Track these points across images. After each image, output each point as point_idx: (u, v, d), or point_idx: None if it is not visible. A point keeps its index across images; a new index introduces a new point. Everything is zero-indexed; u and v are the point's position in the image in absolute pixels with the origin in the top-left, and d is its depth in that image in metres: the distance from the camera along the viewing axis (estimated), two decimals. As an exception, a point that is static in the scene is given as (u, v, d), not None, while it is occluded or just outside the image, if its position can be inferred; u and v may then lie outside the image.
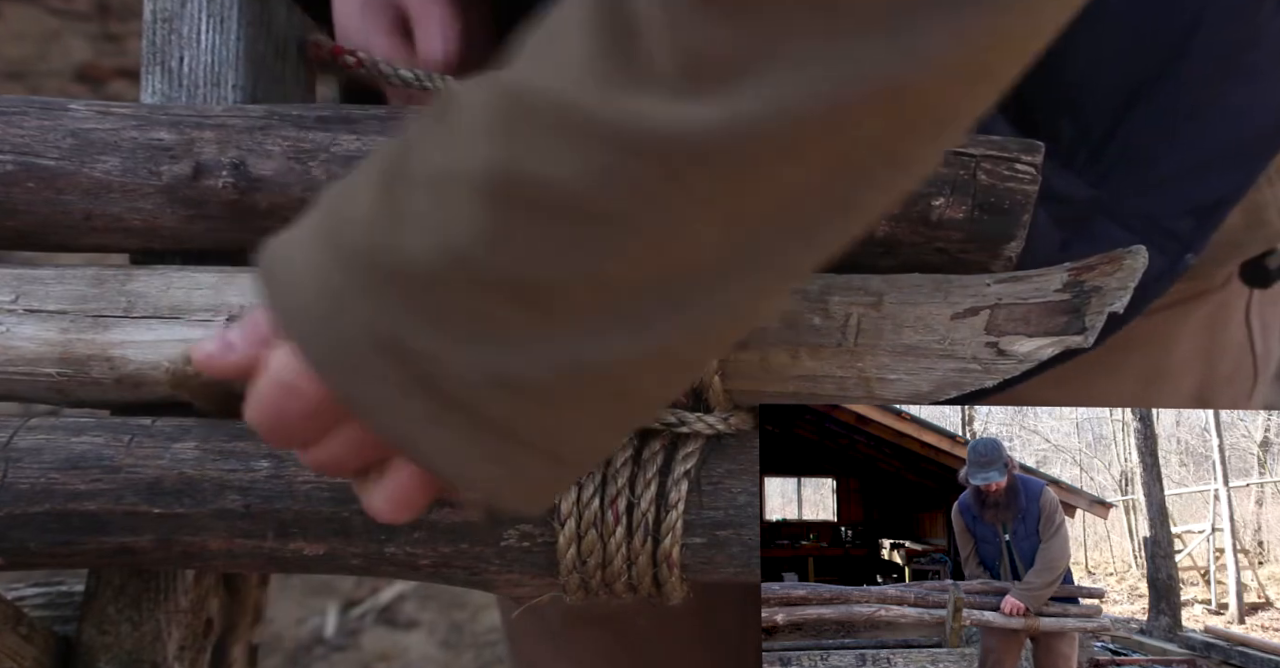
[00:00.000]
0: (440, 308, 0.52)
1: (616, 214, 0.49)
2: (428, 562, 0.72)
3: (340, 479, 0.64)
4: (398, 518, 0.60)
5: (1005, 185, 0.71)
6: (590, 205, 0.48)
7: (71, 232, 0.77)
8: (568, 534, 0.71)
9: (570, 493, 0.71)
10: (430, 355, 0.52)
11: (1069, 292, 0.69)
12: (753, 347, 0.71)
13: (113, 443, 0.72)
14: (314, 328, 0.54)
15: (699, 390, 0.71)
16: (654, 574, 0.72)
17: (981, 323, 0.70)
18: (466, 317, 0.51)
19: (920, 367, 0.70)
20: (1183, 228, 0.75)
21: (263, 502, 0.71)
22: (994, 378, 0.70)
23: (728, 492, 0.71)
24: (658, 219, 0.49)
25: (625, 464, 0.71)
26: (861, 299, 0.71)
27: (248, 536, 0.71)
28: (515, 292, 0.51)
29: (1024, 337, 0.69)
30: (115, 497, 0.71)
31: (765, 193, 0.49)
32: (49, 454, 0.72)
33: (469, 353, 0.52)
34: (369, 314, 0.52)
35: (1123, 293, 0.69)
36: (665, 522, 0.71)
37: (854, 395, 0.71)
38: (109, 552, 0.72)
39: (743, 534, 0.71)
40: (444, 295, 0.51)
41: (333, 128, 0.76)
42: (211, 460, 0.71)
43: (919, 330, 0.70)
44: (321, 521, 0.71)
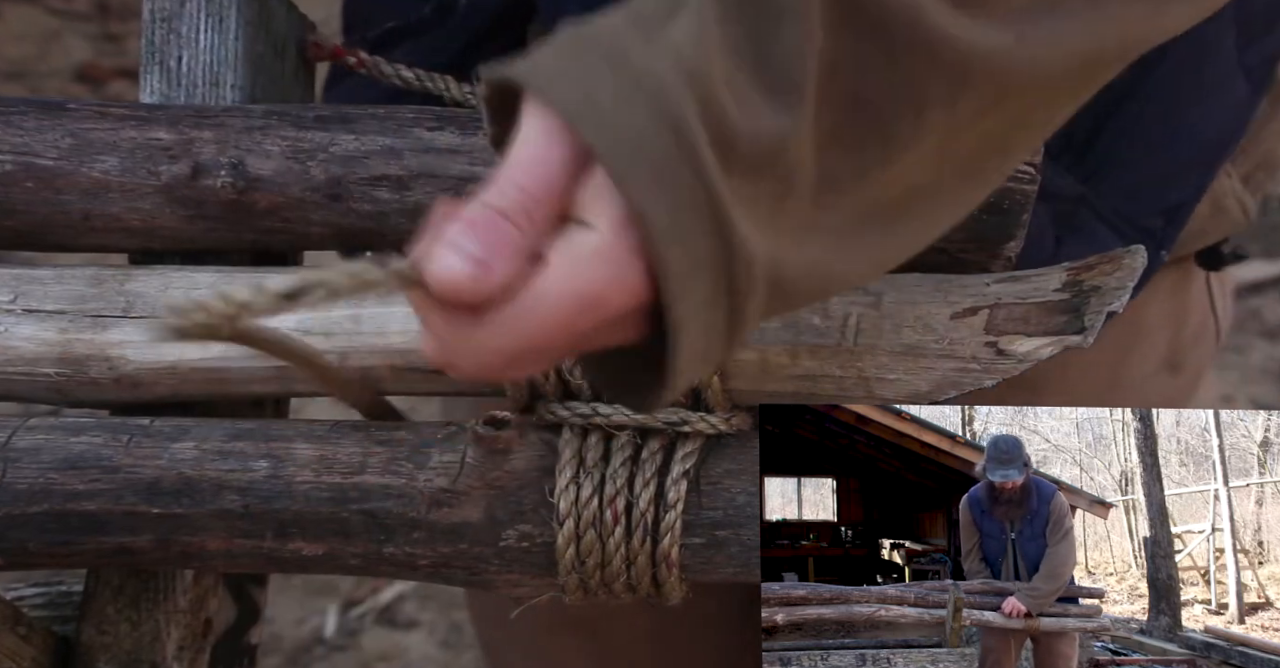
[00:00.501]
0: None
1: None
2: (427, 562, 0.72)
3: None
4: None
5: (1005, 185, 0.71)
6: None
7: (70, 231, 0.77)
8: (566, 534, 0.71)
9: (569, 493, 0.71)
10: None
11: (1068, 291, 0.69)
12: (752, 347, 0.70)
13: (111, 443, 0.72)
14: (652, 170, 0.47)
15: (698, 390, 0.71)
16: (653, 574, 0.72)
17: (981, 323, 0.70)
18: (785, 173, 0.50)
19: (919, 366, 0.70)
20: (1156, 227, 0.83)
21: (261, 502, 0.71)
22: (993, 378, 0.70)
23: (726, 492, 0.71)
24: (937, 122, 0.52)
25: (624, 464, 0.71)
26: (861, 299, 0.71)
27: (246, 536, 0.71)
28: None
29: (1023, 336, 0.69)
30: (114, 497, 0.71)
31: (1009, 112, 0.54)
32: (47, 454, 0.72)
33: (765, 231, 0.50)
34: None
35: (1121, 292, 0.69)
36: (664, 522, 0.71)
37: (853, 395, 0.71)
38: (108, 552, 0.72)
39: (741, 534, 0.71)
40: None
41: (331, 127, 0.76)
42: (210, 461, 0.71)
43: (918, 330, 0.70)
44: (320, 521, 0.71)
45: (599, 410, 0.71)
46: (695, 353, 0.50)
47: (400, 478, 0.71)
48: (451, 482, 0.71)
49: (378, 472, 0.71)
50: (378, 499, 0.71)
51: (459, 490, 0.71)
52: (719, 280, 0.49)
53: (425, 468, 0.71)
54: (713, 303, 0.49)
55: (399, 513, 0.71)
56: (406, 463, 0.71)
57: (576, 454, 0.71)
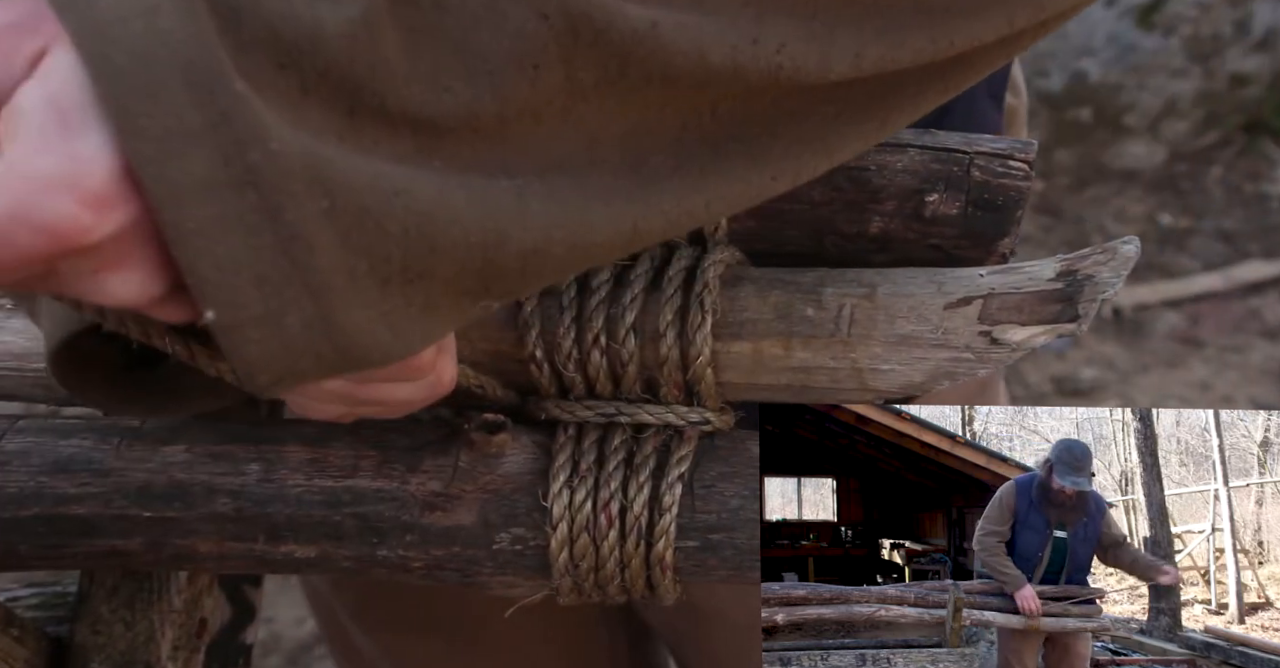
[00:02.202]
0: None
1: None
2: (420, 565, 0.72)
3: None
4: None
5: (999, 182, 0.71)
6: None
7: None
8: (560, 538, 0.70)
9: (562, 497, 0.70)
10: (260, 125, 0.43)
11: (1062, 281, 0.69)
12: (746, 338, 0.70)
13: (102, 446, 0.72)
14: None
15: (691, 384, 0.71)
16: (647, 577, 0.72)
17: (975, 312, 0.70)
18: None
19: (913, 357, 0.70)
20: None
21: (253, 505, 0.71)
22: (987, 367, 0.70)
23: (720, 495, 0.71)
24: (553, 83, 0.49)
25: (618, 468, 0.71)
26: (855, 290, 0.71)
27: (239, 538, 0.71)
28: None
29: (1017, 325, 0.69)
30: (105, 500, 0.71)
31: (655, 100, 0.51)
32: (37, 457, 0.71)
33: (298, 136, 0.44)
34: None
35: (1116, 281, 0.69)
36: (659, 525, 0.70)
37: (847, 388, 0.71)
38: (99, 555, 0.72)
39: (735, 538, 0.71)
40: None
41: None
42: (201, 464, 0.71)
43: (912, 320, 0.70)
44: (313, 524, 0.71)
45: (593, 407, 0.71)
46: (244, 293, 0.44)
47: (393, 481, 0.71)
48: (444, 485, 0.71)
49: (370, 475, 0.71)
50: (370, 502, 0.70)
51: (452, 494, 0.71)
52: (239, 187, 0.42)
53: (418, 471, 0.71)
54: (238, 219, 0.43)
55: (391, 516, 0.70)
56: (399, 466, 0.71)
57: (570, 458, 0.71)
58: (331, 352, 0.47)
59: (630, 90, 0.50)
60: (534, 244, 0.49)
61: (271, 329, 0.45)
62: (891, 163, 0.71)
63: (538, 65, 0.48)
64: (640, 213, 0.52)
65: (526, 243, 0.49)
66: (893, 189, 0.71)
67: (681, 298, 0.69)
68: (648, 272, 0.70)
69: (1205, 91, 3.41)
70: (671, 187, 0.52)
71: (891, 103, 0.56)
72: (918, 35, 0.53)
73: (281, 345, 0.46)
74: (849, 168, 0.71)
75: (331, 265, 0.45)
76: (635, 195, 0.51)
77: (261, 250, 0.44)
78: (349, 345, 0.47)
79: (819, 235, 0.72)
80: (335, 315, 0.46)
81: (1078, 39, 3.32)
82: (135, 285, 0.45)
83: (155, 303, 0.46)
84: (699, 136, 0.53)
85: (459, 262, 0.48)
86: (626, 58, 0.49)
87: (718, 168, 0.53)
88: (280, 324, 0.45)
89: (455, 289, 0.49)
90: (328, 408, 0.61)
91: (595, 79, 0.49)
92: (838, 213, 0.71)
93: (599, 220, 0.51)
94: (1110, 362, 2.86)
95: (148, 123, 0.41)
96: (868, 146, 0.58)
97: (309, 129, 0.44)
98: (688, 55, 0.49)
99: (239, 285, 0.44)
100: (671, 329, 0.69)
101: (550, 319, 0.70)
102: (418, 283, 0.48)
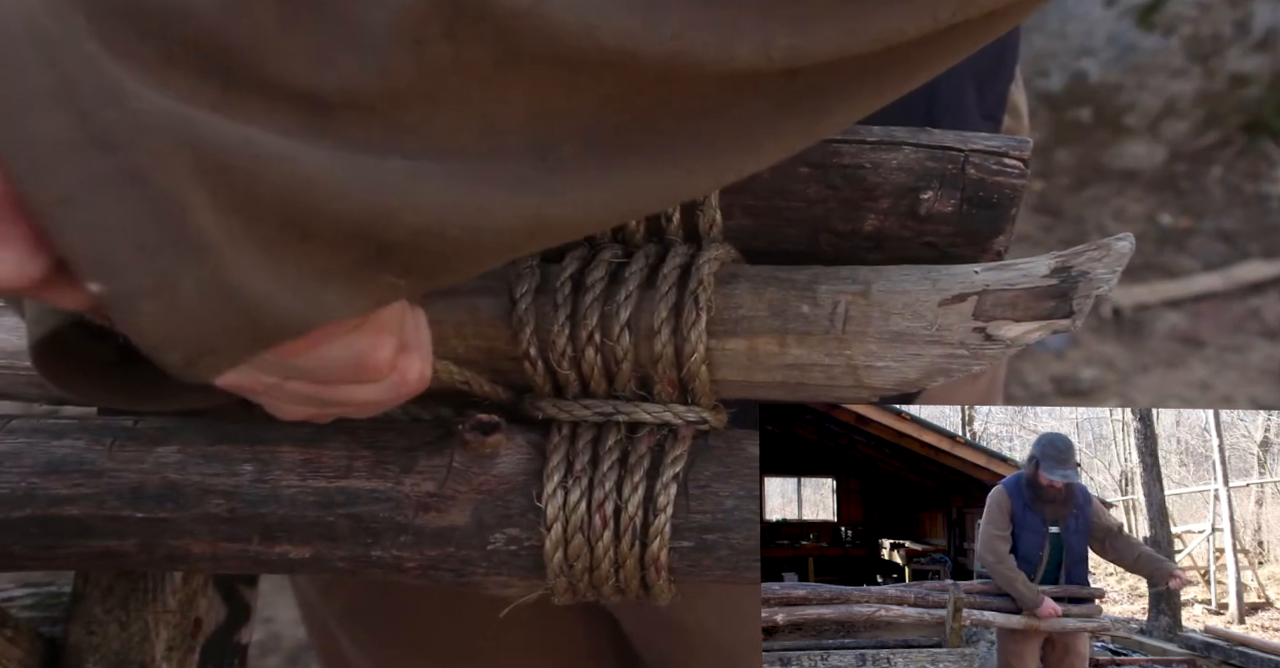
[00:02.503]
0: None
1: None
2: (414, 565, 0.72)
3: None
4: None
5: (994, 179, 0.71)
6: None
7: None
8: (554, 539, 0.70)
9: (556, 498, 0.70)
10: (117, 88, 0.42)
11: (1056, 277, 0.69)
12: (741, 335, 0.70)
13: (94, 446, 0.72)
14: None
15: (685, 381, 0.71)
16: (641, 577, 0.72)
17: (969, 309, 0.69)
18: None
19: (908, 353, 0.70)
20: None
21: (247, 506, 0.71)
22: (981, 363, 0.70)
23: (715, 495, 0.71)
24: (440, 58, 0.48)
25: (612, 468, 0.71)
26: (850, 287, 0.70)
27: (232, 539, 0.71)
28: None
29: (1011, 321, 0.69)
30: (98, 501, 0.70)
31: (550, 85, 0.50)
32: (29, 459, 0.71)
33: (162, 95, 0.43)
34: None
35: (1110, 277, 0.69)
36: (653, 526, 0.70)
37: (842, 385, 0.71)
38: (93, 555, 0.71)
39: (730, 538, 0.71)
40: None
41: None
42: (195, 464, 0.71)
43: (907, 317, 0.70)
44: (307, 524, 0.71)
45: (590, 406, 0.71)
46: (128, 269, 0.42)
47: (387, 482, 0.71)
48: (439, 486, 0.71)
49: (364, 475, 0.71)
50: (364, 503, 0.70)
51: (446, 494, 0.71)
52: (100, 149, 0.41)
53: (412, 472, 0.71)
54: (104, 181, 0.41)
55: (386, 517, 0.70)
56: (393, 466, 0.71)
57: (564, 458, 0.71)
58: (237, 320, 0.46)
59: (526, 73, 0.49)
60: (425, 225, 0.48)
61: (165, 299, 0.44)
62: (886, 160, 0.71)
63: (419, 40, 0.47)
64: (544, 202, 0.51)
65: (417, 223, 0.48)
66: (888, 187, 0.71)
67: (676, 295, 0.69)
68: (643, 269, 0.70)
69: (1205, 91, 3.41)
70: (581, 178, 0.51)
71: (818, 102, 0.54)
72: (834, 26, 0.51)
73: (181, 316, 0.44)
74: (843, 166, 0.70)
75: (209, 225, 0.44)
76: (540, 184, 0.50)
77: (134, 214, 0.42)
78: (253, 311, 0.46)
79: (814, 233, 0.72)
80: (228, 278, 0.44)
81: (1077, 39, 3.32)
82: (11, 265, 0.43)
83: (39, 285, 0.44)
84: (609, 126, 0.51)
85: (344, 234, 0.47)
86: (512, 35, 0.48)
87: (629, 162, 0.52)
88: (173, 292, 0.44)
89: (348, 260, 0.48)
90: (296, 409, 0.61)
91: (487, 59, 0.48)
92: (833, 210, 0.71)
93: (497, 207, 0.50)
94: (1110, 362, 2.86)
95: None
96: (793, 149, 0.56)
97: (174, 96, 0.43)
98: (575, 35, 0.48)
99: (117, 252, 0.42)
100: (666, 326, 0.69)
101: (544, 316, 0.70)
102: (300, 248, 0.47)
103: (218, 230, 0.44)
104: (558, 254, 0.72)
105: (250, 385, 0.57)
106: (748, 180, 0.70)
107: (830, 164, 0.71)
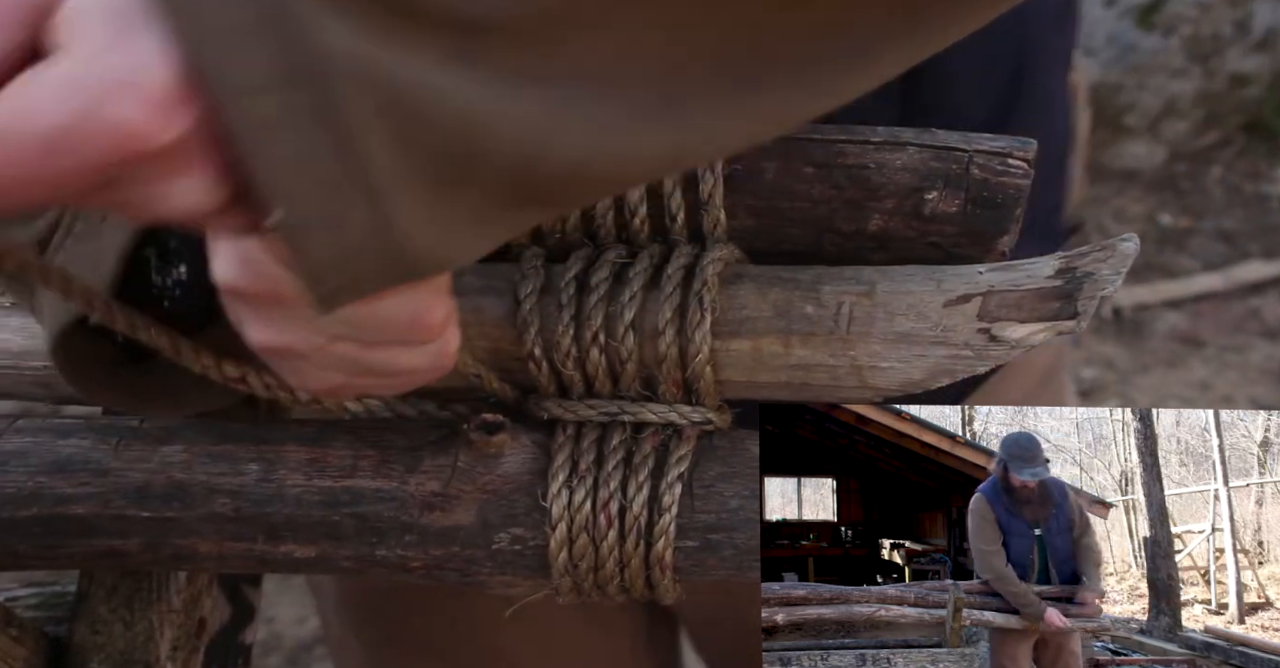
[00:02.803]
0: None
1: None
2: (419, 564, 0.72)
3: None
4: None
5: (998, 180, 0.71)
6: None
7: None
8: (559, 538, 0.70)
9: (561, 497, 0.70)
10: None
11: (1061, 278, 0.69)
12: (745, 335, 0.70)
13: (100, 445, 0.72)
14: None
15: (689, 381, 0.71)
16: (646, 577, 0.72)
17: (974, 310, 0.70)
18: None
19: (913, 354, 0.70)
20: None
21: (253, 505, 0.71)
22: (986, 364, 0.70)
23: (720, 495, 0.71)
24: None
25: (617, 468, 0.71)
26: (854, 288, 0.71)
27: (238, 538, 0.71)
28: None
29: (1016, 323, 0.69)
30: (103, 500, 0.71)
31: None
32: (35, 458, 0.71)
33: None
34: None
35: (1115, 278, 0.69)
36: (658, 525, 0.70)
37: (847, 385, 0.71)
38: (97, 555, 0.72)
39: (734, 538, 0.71)
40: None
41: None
42: (200, 463, 0.71)
43: (911, 318, 0.70)
44: (312, 524, 0.71)
45: (595, 406, 0.71)
46: (318, 216, 0.43)
47: (392, 481, 0.71)
48: (443, 485, 0.71)
49: (369, 475, 0.71)
50: (369, 502, 0.70)
51: (451, 494, 0.71)
52: (295, 83, 0.42)
53: (417, 471, 0.71)
54: (297, 116, 0.42)
55: (391, 516, 0.70)
56: (398, 466, 0.71)
57: (569, 458, 0.71)
58: (389, 257, 0.46)
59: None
60: (577, 157, 0.48)
61: (335, 231, 0.45)
62: (891, 161, 0.71)
63: None
64: (682, 128, 0.50)
65: (571, 156, 0.48)
66: (892, 187, 0.71)
67: (681, 295, 0.69)
68: (647, 269, 0.70)
69: (1205, 91, 3.41)
70: (715, 103, 0.50)
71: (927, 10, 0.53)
72: None
73: (344, 251, 0.45)
74: (848, 166, 0.71)
75: (386, 165, 0.44)
76: (678, 111, 0.49)
77: (320, 148, 0.43)
78: (407, 249, 0.46)
79: (818, 233, 0.72)
80: (392, 216, 0.45)
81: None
82: (199, 192, 0.45)
83: (217, 212, 0.45)
84: (740, 49, 0.50)
85: (499, 169, 0.47)
86: None
87: (759, 85, 0.51)
88: (342, 226, 0.44)
89: (498, 197, 0.48)
90: (328, 375, 0.60)
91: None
92: (837, 211, 0.71)
93: (642, 136, 0.49)
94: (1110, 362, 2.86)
95: (204, 19, 0.41)
96: (908, 63, 0.54)
97: (354, 25, 0.43)
98: None
99: (303, 184, 0.43)
100: (671, 327, 0.69)
101: (549, 317, 0.70)
102: (463, 187, 0.47)
103: (393, 170, 0.45)
104: (562, 254, 0.72)
105: (299, 346, 0.56)
106: (751, 180, 0.71)
107: (834, 164, 0.71)
